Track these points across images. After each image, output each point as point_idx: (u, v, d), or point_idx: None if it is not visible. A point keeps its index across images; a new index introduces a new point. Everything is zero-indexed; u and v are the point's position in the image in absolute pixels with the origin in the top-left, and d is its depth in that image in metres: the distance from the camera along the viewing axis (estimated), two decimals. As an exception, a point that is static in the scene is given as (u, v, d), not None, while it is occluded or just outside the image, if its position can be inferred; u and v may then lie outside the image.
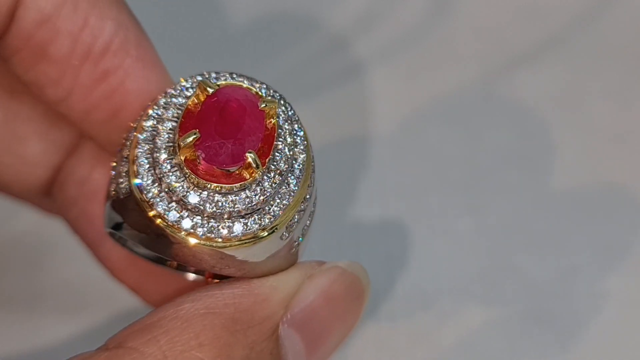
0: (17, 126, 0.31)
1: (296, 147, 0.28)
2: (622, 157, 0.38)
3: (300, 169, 0.27)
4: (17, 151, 0.31)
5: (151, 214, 0.27)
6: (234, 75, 0.29)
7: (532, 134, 0.39)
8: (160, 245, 0.27)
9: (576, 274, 0.35)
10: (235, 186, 0.27)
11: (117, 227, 0.28)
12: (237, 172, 0.27)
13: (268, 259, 0.28)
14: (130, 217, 0.28)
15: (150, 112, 0.28)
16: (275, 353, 0.27)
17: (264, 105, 0.27)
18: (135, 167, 0.27)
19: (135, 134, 0.28)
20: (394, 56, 0.41)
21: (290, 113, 0.28)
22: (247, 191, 0.27)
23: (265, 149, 0.27)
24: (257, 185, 0.27)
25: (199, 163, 0.27)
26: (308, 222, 0.28)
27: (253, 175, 0.27)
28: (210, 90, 0.28)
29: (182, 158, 0.27)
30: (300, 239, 0.28)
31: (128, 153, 0.28)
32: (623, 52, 0.40)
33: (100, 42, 0.28)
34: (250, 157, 0.27)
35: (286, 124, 0.28)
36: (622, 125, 0.39)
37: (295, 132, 0.28)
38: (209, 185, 0.27)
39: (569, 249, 0.36)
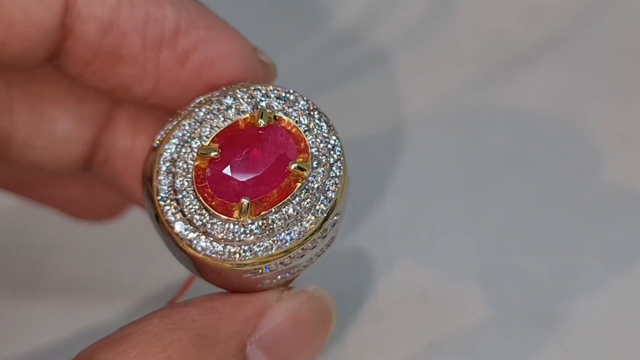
0: (44, 108, 0.31)
1: (308, 214, 0.27)
2: (622, 157, 0.38)
3: (300, 233, 0.27)
4: (48, 132, 0.31)
5: (154, 183, 0.28)
6: (307, 109, 0.29)
7: (532, 133, 0.39)
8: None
9: (576, 274, 0.35)
10: (221, 216, 0.27)
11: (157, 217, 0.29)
12: (231, 206, 0.27)
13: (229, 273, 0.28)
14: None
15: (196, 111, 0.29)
16: None
17: (294, 167, 0.27)
18: (169, 139, 0.28)
19: (174, 125, 0.28)
20: (394, 56, 0.41)
21: (330, 191, 0.28)
22: (228, 225, 0.27)
23: (271, 202, 0.27)
24: (242, 226, 0.27)
25: (206, 175, 0.27)
26: (295, 271, 0.28)
27: (239, 218, 0.27)
28: (262, 124, 0.28)
29: (196, 163, 0.27)
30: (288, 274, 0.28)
31: (160, 141, 0.28)
32: (623, 53, 0.40)
33: (168, 27, 0.29)
34: (244, 202, 0.27)
35: (314, 190, 0.27)
36: (622, 126, 0.39)
37: (316, 204, 0.27)
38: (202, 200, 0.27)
39: (569, 249, 0.36)
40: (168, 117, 0.29)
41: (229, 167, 0.27)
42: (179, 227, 0.27)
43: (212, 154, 0.28)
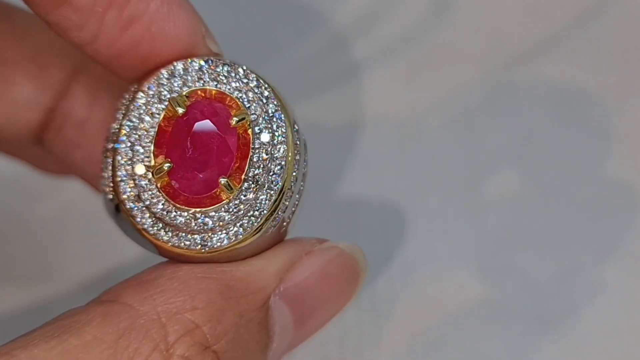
0: (5, 70, 0.31)
1: (276, 147, 0.27)
2: (622, 156, 0.38)
3: (281, 165, 0.27)
4: (8, 95, 0.31)
5: (138, 226, 0.28)
6: (200, 69, 0.28)
7: (533, 133, 0.39)
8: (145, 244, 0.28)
9: (576, 273, 0.35)
10: (214, 207, 0.27)
11: (118, 208, 0.28)
12: (215, 193, 0.27)
13: (256, 242, 0.28)
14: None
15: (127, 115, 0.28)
16: (264, 323, 0.27)
17: (236, 121, 0.27)
18: (117, 179, 0.28)
19: (118, 130, 0.28)
20: (394, 56, 0.41)
21: (271, 109, 0.28)
22: (227, 206, 0.27)
23: (242, 163, 0.27)
24: (236, 199, 0.27)
25: (175, 188, 0.27)
26: (297, 199, 0.28)
27: (229, 197, 0.27)
28: (180, 111, 0.28)
29: (159, 185, 0.27)
30: (289, 218, 0.28)
31: (115, 140, 0.28)
32: (623, 52, 0.40)
33: None
34: (222, 182, 0.27)
35: (264, 121, 0.28)
36: (622, 125, 0.39)
37: (273, 127, 0.28)
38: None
39: (569, 248, 0.36)
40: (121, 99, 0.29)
41: (188, 167, 0.27)
42: (187, 243, 0.27)
43: (166, 166, 0.27)
